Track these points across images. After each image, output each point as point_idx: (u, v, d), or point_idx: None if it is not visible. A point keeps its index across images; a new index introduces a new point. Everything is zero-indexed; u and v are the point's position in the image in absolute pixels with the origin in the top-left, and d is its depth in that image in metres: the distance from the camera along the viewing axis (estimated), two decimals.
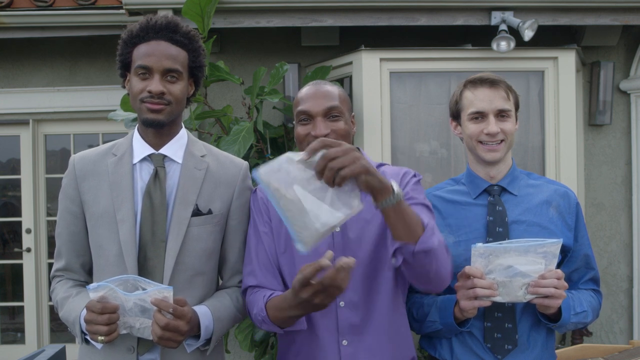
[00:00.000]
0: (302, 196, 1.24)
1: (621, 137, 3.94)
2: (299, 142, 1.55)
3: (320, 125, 1.49)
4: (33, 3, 3.88)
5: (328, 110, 1.50)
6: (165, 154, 1.56)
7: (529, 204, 1.68)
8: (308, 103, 1.51)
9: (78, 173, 1.56)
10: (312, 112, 1.50)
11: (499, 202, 1.68)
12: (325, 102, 1.50)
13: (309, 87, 1.56)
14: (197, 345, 1.51)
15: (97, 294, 1.34)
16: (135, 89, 1.49)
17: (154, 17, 1.52)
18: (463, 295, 1.51)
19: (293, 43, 3.83)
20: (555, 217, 1.67)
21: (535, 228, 1.65)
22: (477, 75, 1.70)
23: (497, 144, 1.65)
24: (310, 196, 1.24)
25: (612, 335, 3.96)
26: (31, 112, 4.30)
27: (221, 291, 1.63)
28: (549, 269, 1.45)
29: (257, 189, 1.65)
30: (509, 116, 1.66)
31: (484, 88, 1.67)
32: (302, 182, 1.25)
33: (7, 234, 4.54)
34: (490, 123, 1.63)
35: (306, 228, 1.24)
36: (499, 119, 1.64)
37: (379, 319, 1.53)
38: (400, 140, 3.38)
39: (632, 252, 3.93)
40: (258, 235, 1.58)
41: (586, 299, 1.67)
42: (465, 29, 3.47)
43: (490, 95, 1.65)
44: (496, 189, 1.70)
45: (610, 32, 3.72)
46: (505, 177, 1.70)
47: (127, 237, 1.48)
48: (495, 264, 1.44)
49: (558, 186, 1.73)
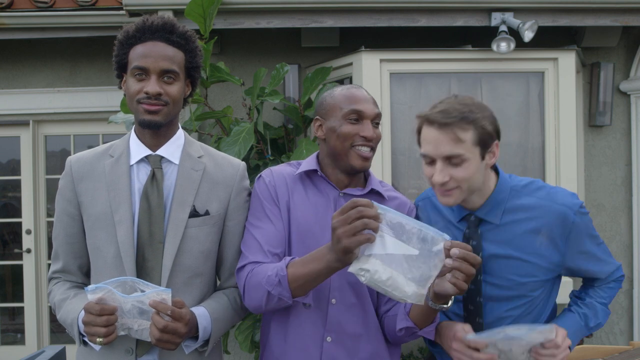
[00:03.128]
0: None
1: (621, 138, 3.94)
2: (342, 140, 1.56)
3: (369, 128, 1.57)
4: (33, 4, 3.89)
5: (376, 116, 1.60)
6: (163, 155, 1.56)
7: (512, 233, 1.51)
8: (363, 105, 1.58)
9: (75, 174, 1.56)
10: (365, 114, 1.57)
11: (474, 235, 1.53)
12: (374, 107, 1.61)
13: (357, 90, 1.62)
14: (195, 346, 1.51)
15: (95, 296, 1.33)
16: (132, 90, 1.48)
17: (150, 18, 1.51)
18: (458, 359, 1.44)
19: (293, 44, 3.83)
20: (545, 244, 1.51)
21: (514, 262, 1.51)
22: (433, 110, 1.45)
23: (449, 189, 1.45)
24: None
25: (612, 336, 3.96)
26: (31, 112, 4.30)
27: (219, 292, 1.63)
28: (547, 339, 1.38)
29: (262, 175, 1.65)
30: (462, 160, 1.41)
31: (433, 128, 1.43)
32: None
33: (7, 235, 4.54)
34: (436, 170, 1.43)
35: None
36: (450, 165, 1.42)
37: (371, 320, 1.57)
38: (400, 141, 3.38)
39: (632, 253, 3.93)
40: (266, 216, 1.57)
41: (601, 300, 1.62)
42: (465, 30, 3.47)
43: (439, 137, 1.41)
44: (473, 219, 1.54)
45: (610, 33, 3.72)
46: (483, 206, 1.52)
47: (125, 238, 1.48)
48: (493, 339, 1.38)
49: (556, 204, 1.51)
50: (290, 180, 1.62)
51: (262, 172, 1.66)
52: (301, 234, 1.56)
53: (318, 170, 1.62)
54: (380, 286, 1.27)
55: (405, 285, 1.26)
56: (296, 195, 1.60)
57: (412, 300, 1.28)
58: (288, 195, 1.60)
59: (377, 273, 1.26)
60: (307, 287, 1.43)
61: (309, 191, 1.61)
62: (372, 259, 1.26)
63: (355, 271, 1.28)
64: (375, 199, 1.58)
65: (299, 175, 1.63)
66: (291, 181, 1.62)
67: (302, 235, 1.55)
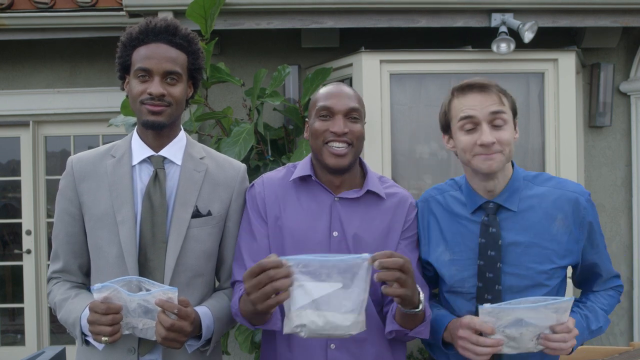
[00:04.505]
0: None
1: (621, 139, 3.94)
2: (314, 137, 1.55)
3: (340, 123, 1.52)
4: (33, 5, 3.89)
5: (349, 110, 1.54)
6: (165, 155, 1.56)
7: (529, 221, 1.53)
8: (332, 100, 1.54)
9: (76, 174, 1.56)
10: (335, 110, 1.53)
11: (493, 222, 1.53)
12: (348, 102, 1.55)
13: (332, 86, 1.60)
14: (198, 345, 1.51)
15: (101, 295, 1.34)
16: (135, 91, 1.49)
17: (153, 20, 1.53)
18: (464, 348, 1.42)
19: (293, 45, 3.83)
20: (561, 232, 1.53)
21: (534, 249, 1.52)
22: (465, 81, 1.54)
23: (493, 152, 1.47)
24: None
25: (612, 337, 3.96)
26: (31, 113, 4.30)
27: (219, 292, 1.64)
28: (560, 322, 1.37)
29: (254, 183, 1.64)
30: (504, 122, 1.47)
31: (473, 93, 1.49)
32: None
33: (7, 236, 4.54)
34: (483, 132, 1.46)
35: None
36: (493, 127, 1.47)
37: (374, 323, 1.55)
38: (400, 141, 3.38)
39: (632, 253, 3.93)
40: (252, 231, 1.58)
41: (602, 306, 1.63)
42: (465, 31, 3.47)
43: (481, 100, 1.48)
44: (491, 206, 1.54)
45: (610, 33, 3.72)
46: (503, 191, 1.54)
47: (128, 238, 1.48)
48: (504, 320, 1.37)
49: (567, 191, 1.55)
50: (282, 189, 1.60)
51: (255, 181, 1.65)
52: (295, 243, 1.54)
53: (312, 176, 1.59)
54: (322, 333, 1.25)
55: (343, 321, 1.24)
56: (288, 204, 1.58)
57: (355, 331, 1.25)
58: (279, 207, 1.58)
59: (313, 323, 1.23)
60: (260, 320, 1.43)
61: (303, 198, 1.59)
62: (302, 312, 1.23)
63: (291, 331, 1.26)
64: (372, 200, 1.59)
65: (293, 181, 1.61)
66: (283, 189, 1.60)
67: (296, 243, 1.54)
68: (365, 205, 1.58)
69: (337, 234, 1.54)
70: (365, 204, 1.58)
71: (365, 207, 1.58)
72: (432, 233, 1.63)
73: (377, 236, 1.56)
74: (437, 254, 1.61)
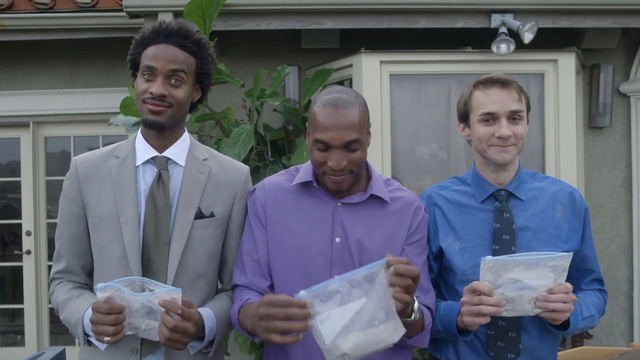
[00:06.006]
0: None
1: (621, 140, 3.94)
2: (314, 165, 1.52)
3: (337, 159, 1.45)
4: (33, 5, 3.89)
5: (347, 143, 1.44)
6: (169, 156, 1.57)
7: (535, 209, 1.64)
8: (328, 134, 1.43)
9: (80, 175, 1.57)
10: (332, 145, 1.44)
11: (506, 208, 1.62)
12: (345, 134, 1.43)
13: (330, 109, 1.44)
14: (201, 347, 1.52)
15: (105, 294, 1.34)
16: (139, 89, 1.51)
17: (167, 22, 1.54)
18: (468, 311, 1.45)
19: (293, 45, 3.83)
20: (562, 221, 1.64)
21: (542, 234, 1.61)
22: (488, 76, 1.64)
23: (509, 145, 1.59)
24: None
25: (612, 338, 3.96)
26: (31, 114, 4.30)
27: (222, 294, 1.65)
28: (558, 283, 1.41)
29: (255, 188, 1.63)
30: (521, 118, 1.59)
31: (495, 88, 1.60)
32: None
33: (7, 236, 4.54)
34: (502, 126, 1.57)
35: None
36: (510, 121, 1.58)
37: None
38: (400, 142, 3.38)
39: (633, 254, 3.93)
40: (252, 236, 1.58)
41: (592, 301, 1.66)
42: (465, 32, 3.47)
43: (503, 96, 1.59)
44: (503, 194, 1.64)
45: (610, 34, 3.73)
46: (513, 181, 1.65)
47: (131, 239, 1.49)
48: (504, 279, 1.39)
49: (563, 186, 1.69)
50: (284, 194, 1.58)
51: (257, 185, 1.63)
52: (297, 249, 1.52)
53: (313, 182, 1.56)
54: (366, 352, 1.22)
55: (381, 333, 1.22)
56: (290, 209, 1.56)
57: (397, 337, 1.23)
58: (280, 212, 1.56)
59: (353, 349, 1.20)
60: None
61: (305, 204, 1.56)
62: (337, 342, 1.20)
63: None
64: (376, 204, 1.56)
65: (296, 186, 1.58)
66: (284, 194, 1.58)
67: (298, 249, 1.52)
68: (369, 209, 1.55)
69: (339, 240, 1.52)
70: (369, 208, 1.56)
71: (368, 212, 1.55)
72: (439, 225, 1.67)
73: (381, 242, 1.53)
74: (447, 244, 1.65)
